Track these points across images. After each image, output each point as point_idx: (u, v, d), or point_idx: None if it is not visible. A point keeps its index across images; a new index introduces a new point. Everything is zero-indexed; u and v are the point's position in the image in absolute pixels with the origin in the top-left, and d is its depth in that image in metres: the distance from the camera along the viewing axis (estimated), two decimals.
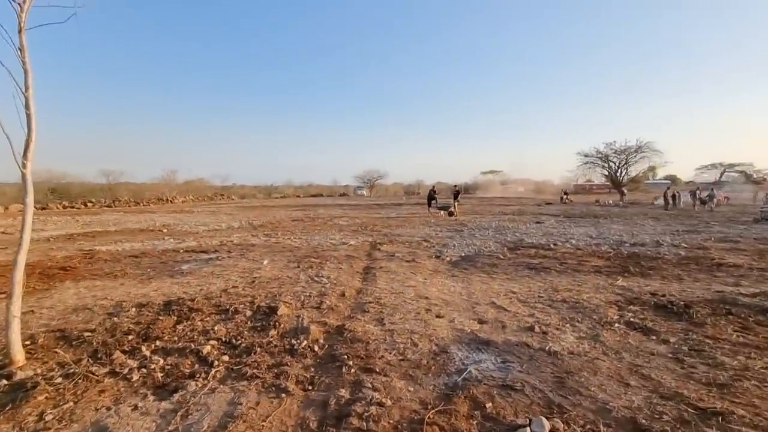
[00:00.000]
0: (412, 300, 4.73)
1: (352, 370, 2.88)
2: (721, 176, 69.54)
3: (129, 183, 41.58)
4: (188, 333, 3.64)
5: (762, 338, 3.41)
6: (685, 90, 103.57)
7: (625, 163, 39.00)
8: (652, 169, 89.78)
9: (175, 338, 3.52)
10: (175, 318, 4.06)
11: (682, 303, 4.34)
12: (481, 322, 3.96)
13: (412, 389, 2.63)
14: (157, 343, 3.41)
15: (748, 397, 2.43)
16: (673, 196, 26.83)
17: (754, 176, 67.49)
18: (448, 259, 7.49)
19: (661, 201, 28.36)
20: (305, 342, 3.40)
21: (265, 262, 7.22)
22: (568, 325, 3.82)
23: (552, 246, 8.83)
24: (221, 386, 2.68)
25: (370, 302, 4.61)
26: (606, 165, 39.83)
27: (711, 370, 2.83)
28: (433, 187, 19.70)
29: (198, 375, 2.82)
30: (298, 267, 6.79)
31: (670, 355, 3.10)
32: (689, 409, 2.30)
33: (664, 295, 4.73)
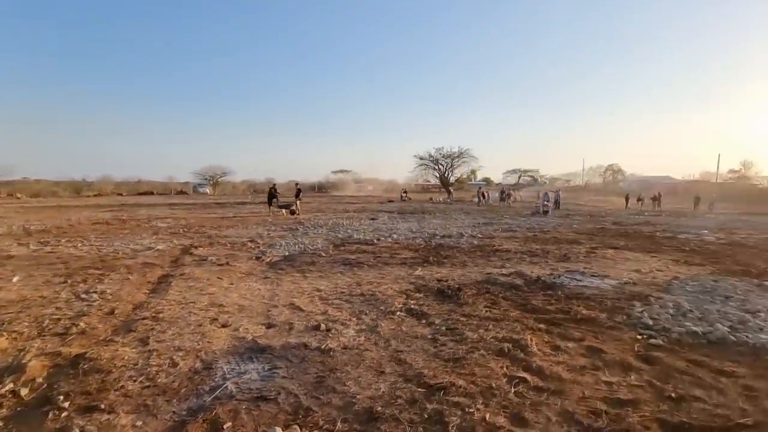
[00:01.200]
0: (200, 310, 4.19)
1: (64, 414, 2.25)
2: (519, 179, 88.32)
3: None
4: None
5: (503, 311, 4.13)
6: (501, 107, 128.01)
7: (451, 166, 45.32)
8: (473, 171, 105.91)
9: None
10: None
11: (456, 286, 5.00)
12: (269, 326, 3.73)
13: (139, 424, 2.18)
14: None
15: (471, 367, 2.82)
16: (483, 195, 32.27)
17: (539, 180, 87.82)
18: (268, 260, 7.10)
19: (476, 198, 33.93)
20: (10, 386, 2.56)
21: (15, 279, 5.49)
22: (354, 318, 3.93)
23: (375, 241, 9.36)
24: None
25: (143, 318, 3.88)
26: (436, 167, 45.52)
27: (456, 346, 3.23)
28: (273, 185, 18.93)
29: None
30: (66, 282, 5.38)
31: (429, 337, 3.44)
32: (420, 389, 2.51)
33: (446, 281, 5.40)
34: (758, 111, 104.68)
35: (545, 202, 19.33)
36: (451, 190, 44.91)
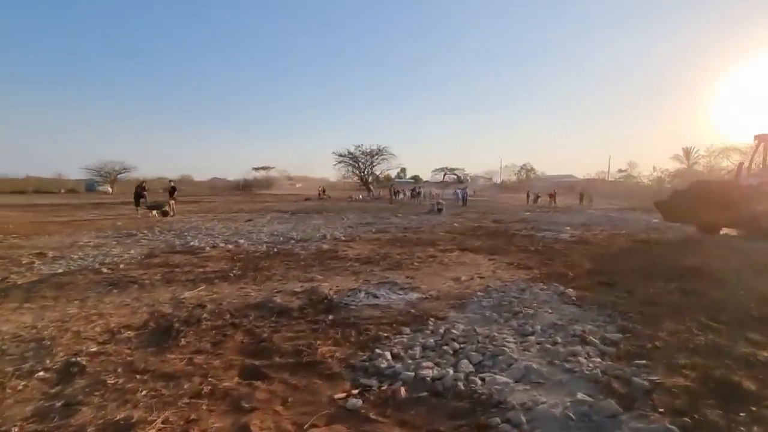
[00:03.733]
0: None
1: None
2: (444, 177, 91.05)
3: None
4: None
5: (215, 356, 3.00)
6: (435, 106, 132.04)
7: (371, 164, 44.75)
8: (403, 170, 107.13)
9: None
10: None
11: (193, 319, 3.79)
12: None
13: None
14: None
15: None
16: (396, 192, 32.01)
17: (461, 178, 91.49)
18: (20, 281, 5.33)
19: (400, 196, 33.63)
20: None
21: None
22: None
23: (207, 249, 7.90)
24: None
25: None
26: (355, 165, 44.64)
27: None
28: (141, 183, 16.42)
29: None
30: None
31: None
32: None
33: (203, 306, 4.17)
34: (643, 120, 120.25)
35: (440, 201, 19.19)
36: (371, 188, 44.38)
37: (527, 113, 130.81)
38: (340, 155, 44.46)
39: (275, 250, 7.91)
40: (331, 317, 3.85)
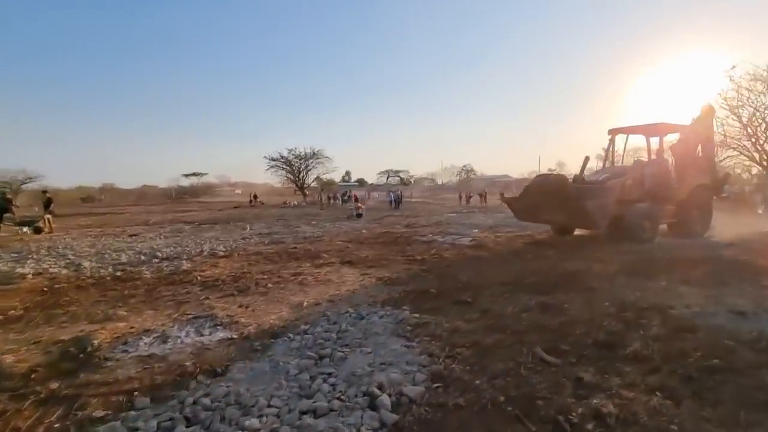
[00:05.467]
0: None
1: None
2: (387, 179, 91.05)
3: None
4: None
5: None
6: (375, 111, 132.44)
7: (306, 168, 43.13)
8: (347, 173, 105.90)
9: None
10: None
11: None
12: None
13: None
14: None
15: None
16: (329, 197, 30.88)
17: (405, 180, 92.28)
18: None
19: (337, 201, 32.42)
20: None
21: None
22: None
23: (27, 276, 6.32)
24: None
25: None
26: (289, 168, 42.78)
27: None
28: (2, 194, 13.80)
29: None
30: None
31: None
32: None
33: None
34: (573, 121, 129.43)
35: (358, 205, 18.41)
36: (306, 193, 42.77)
37: (468, 115, 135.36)
38: (272, 159, 42.35)
39: (117, 274, 6.51)
40: (56, 386, 2.72)
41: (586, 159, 9.47)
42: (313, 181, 44.57)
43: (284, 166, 42.60)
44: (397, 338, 3.39)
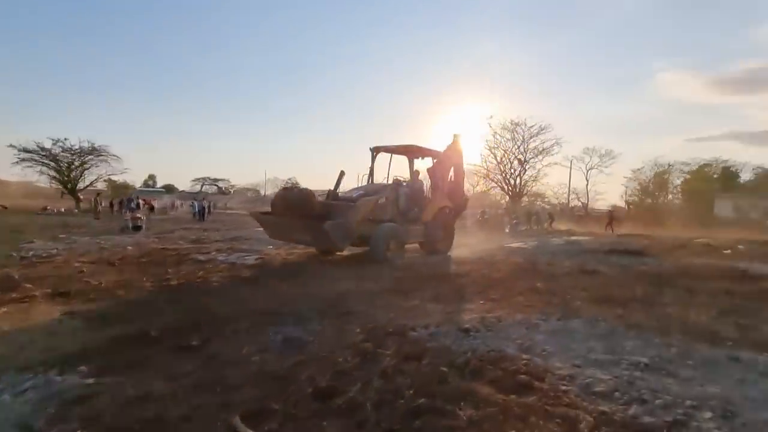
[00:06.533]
0: None
1: None
2: (202, 188, 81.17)
3: None
4: None
5: None
6: (189, 114, 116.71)
7: (81, 166, 33.90)
8: (150, 176, 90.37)
9: None
10: None
11: None
12: None
13: None
14: None
15: None
16: (119, 204, 24.89)
17: (224, 189, 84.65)
18: None
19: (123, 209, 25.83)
20: None
21: None
22: None
23: None
24: None
25: None
26: (55, 165, 32.79)
27: None
28: None
29: None
30: None
31: None
32: None
33: None
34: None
35: (136, 215, 15.18)
36: (81, 197, 33.52)
37: (297, 127, 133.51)
38: (26, 150, 31.47)
39: None
40: None
41: (341, 174, 8.84)
42: (91, 184, 35.43)
43: (45, 162, 32.35)
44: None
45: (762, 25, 79.70)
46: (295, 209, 7.17)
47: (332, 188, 8.81)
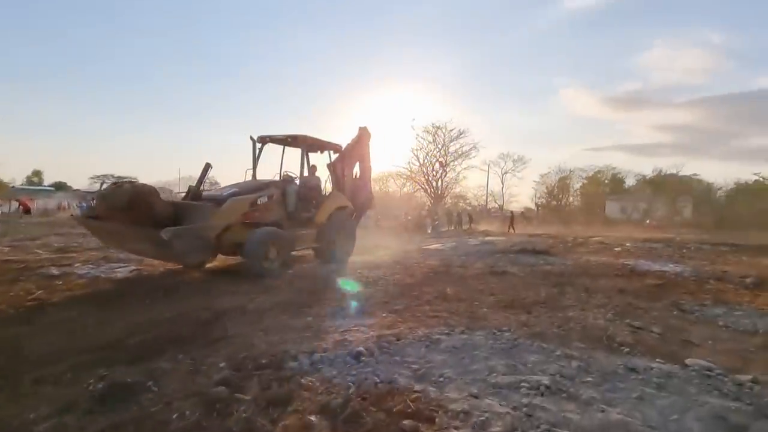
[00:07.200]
0: None
1: None
2: (101, 186, 71.32)
3: None
4: None
5: None
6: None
7: None
8: (37, 173, 78.18)
9: None
10: None
11: None
12: None
13: None
14: None
15: None
16: None
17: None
18: None
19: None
20: None
21: None
22: None
23: None
24: None
25: None
26: None
27: None
28: None
29: None
30: None
31: None
32: None
33: None
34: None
35: None
36: None
37: (208, 120, 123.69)
38: None
39: None
40: None
41: (207, 166, 7.12)
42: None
43: None
44: None
45: (640, 53, 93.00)
46: (125, 212, 5.48)
47: (194, 185, 7.14)
